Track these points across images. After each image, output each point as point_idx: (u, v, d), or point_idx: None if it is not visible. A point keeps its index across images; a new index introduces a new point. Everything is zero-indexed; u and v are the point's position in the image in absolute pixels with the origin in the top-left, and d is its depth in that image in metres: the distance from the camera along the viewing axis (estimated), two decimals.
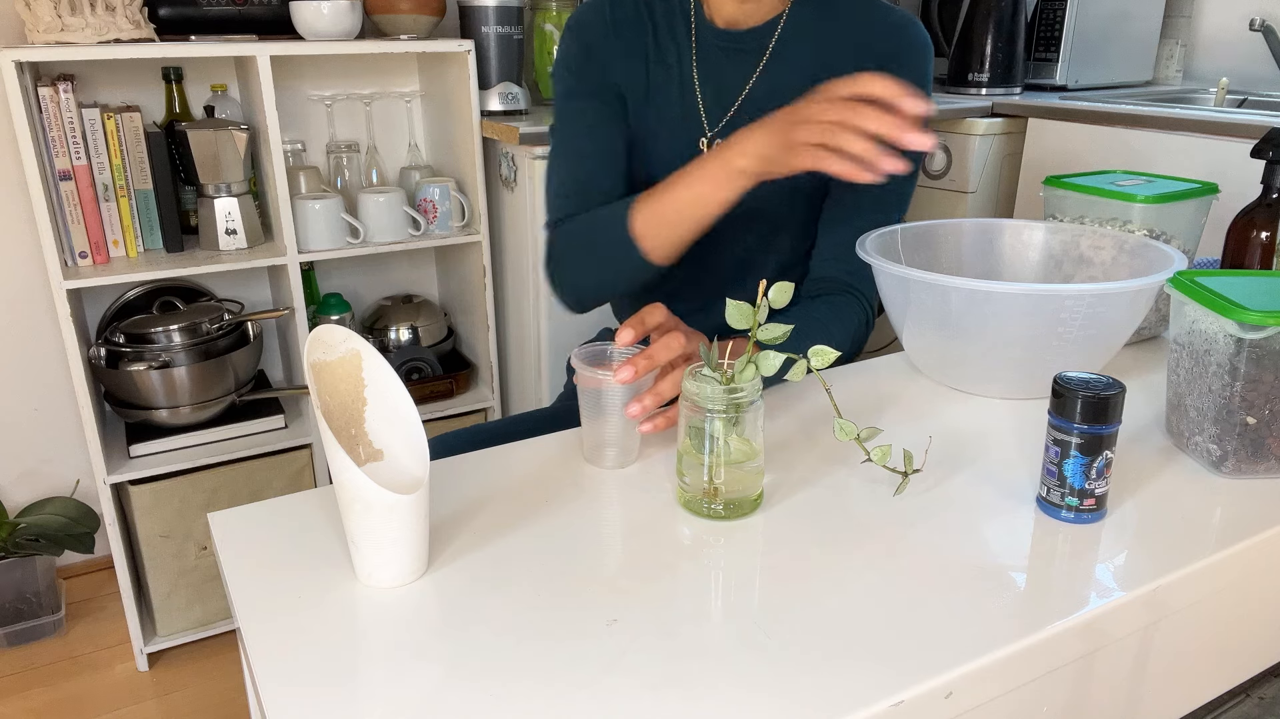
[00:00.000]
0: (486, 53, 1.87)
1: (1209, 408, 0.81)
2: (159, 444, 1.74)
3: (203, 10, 1.68)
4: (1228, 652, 0.79)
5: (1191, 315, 0.82)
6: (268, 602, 0.66)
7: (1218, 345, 0.79)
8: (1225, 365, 0.79)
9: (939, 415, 0.94)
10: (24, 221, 1.83)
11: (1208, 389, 0.81)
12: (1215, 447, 0.81)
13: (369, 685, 0.58)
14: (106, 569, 2.05)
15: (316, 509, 0.77)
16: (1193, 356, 0.82)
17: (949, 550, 0.70)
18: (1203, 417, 0.82)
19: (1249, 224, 1.13)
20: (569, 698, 0.56)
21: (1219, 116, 1.69)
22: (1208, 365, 0.80)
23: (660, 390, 0.82)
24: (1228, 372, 0.79)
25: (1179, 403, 0.85)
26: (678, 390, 0.81)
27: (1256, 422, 0.79)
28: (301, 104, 1.97)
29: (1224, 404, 0.79)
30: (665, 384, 0.82)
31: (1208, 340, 0.80)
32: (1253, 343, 0.77)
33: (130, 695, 1.73)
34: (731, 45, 1.08)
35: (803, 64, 1.07)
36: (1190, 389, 0.83)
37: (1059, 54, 2.16)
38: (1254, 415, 0.79)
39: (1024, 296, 0.86)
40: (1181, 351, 0.84)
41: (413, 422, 0.71)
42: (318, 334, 0.70)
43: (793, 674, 0.58)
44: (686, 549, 0.71)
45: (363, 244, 1.82)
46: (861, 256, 0.97)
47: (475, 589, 0.67)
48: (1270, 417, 0.79)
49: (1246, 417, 0.79)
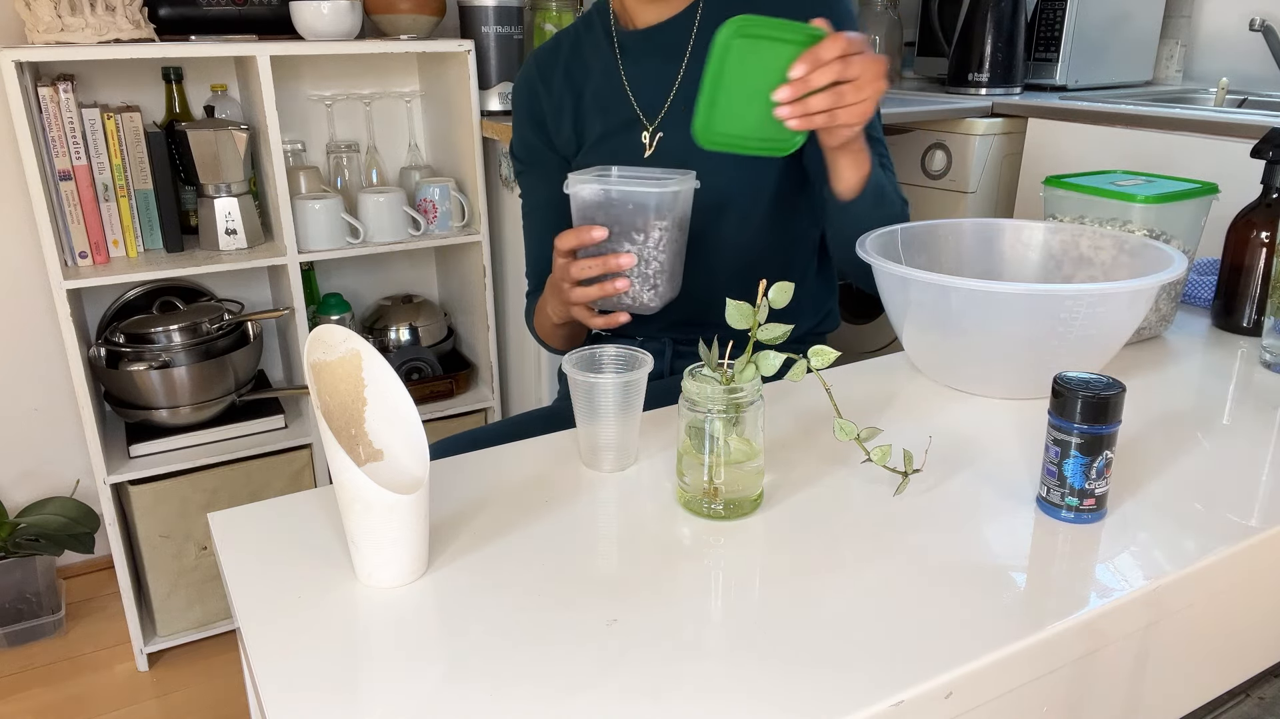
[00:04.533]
0: (486, 53, 1.87)
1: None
2: (159, 444, 1.74)
3: (203, 10, 1.68)
4: (1228, 652, 0.79)
5: None
6: (268, 602, 0.66)
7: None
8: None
9: (939, 415, 0.94)
10: (24, 221, 1.83)
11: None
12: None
13: (369, 685, 0.58)
14: (106, 569, 2.05)
15: (316, 509, 0.77)
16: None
17: (949, 550, 0.70)
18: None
19: (1249, 224, 1.13)
20: (569, 698, 0.56)
21: (1219, 116, 1.69)
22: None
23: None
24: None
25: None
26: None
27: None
28: (301, 104, 1.97)
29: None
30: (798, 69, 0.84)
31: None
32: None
33: (130, 695, 1.73)
34: (654, 42, 1.12)
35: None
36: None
37: (1059, 54, 2.16)
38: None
39: (1024, 296, 0.86)
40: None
41: (413, 422, 0.71)
42: (318, 334, 0.70)
43: (793, 674, 0.58)
44: (686, 549, 0.71)
45: (363, 244, 1.82)
46: (862, 256, 0.97)
47: (475, 589, 0.67)
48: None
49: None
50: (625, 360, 0.84)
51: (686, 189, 0.97)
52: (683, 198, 0.98)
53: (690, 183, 0.98)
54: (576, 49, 1.19)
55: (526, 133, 1.22)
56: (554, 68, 1.19)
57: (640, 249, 0.96)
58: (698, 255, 1.17)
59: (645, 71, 1.14)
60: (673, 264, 0.99)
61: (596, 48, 1.17)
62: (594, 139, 1.17)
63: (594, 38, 1.18)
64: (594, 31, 1.18)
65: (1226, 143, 1.63)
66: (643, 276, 0.97)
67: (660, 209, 0.95)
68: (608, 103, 1.15)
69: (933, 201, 2.09)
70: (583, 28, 1.20)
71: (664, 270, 0.98)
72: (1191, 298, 1.25)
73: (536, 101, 1.20)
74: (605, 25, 1.17)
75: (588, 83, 1.17)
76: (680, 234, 0.99)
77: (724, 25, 0.82)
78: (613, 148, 1.15)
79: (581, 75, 1.18)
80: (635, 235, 0.95)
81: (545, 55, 1.21)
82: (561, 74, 1.19)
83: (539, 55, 1.22)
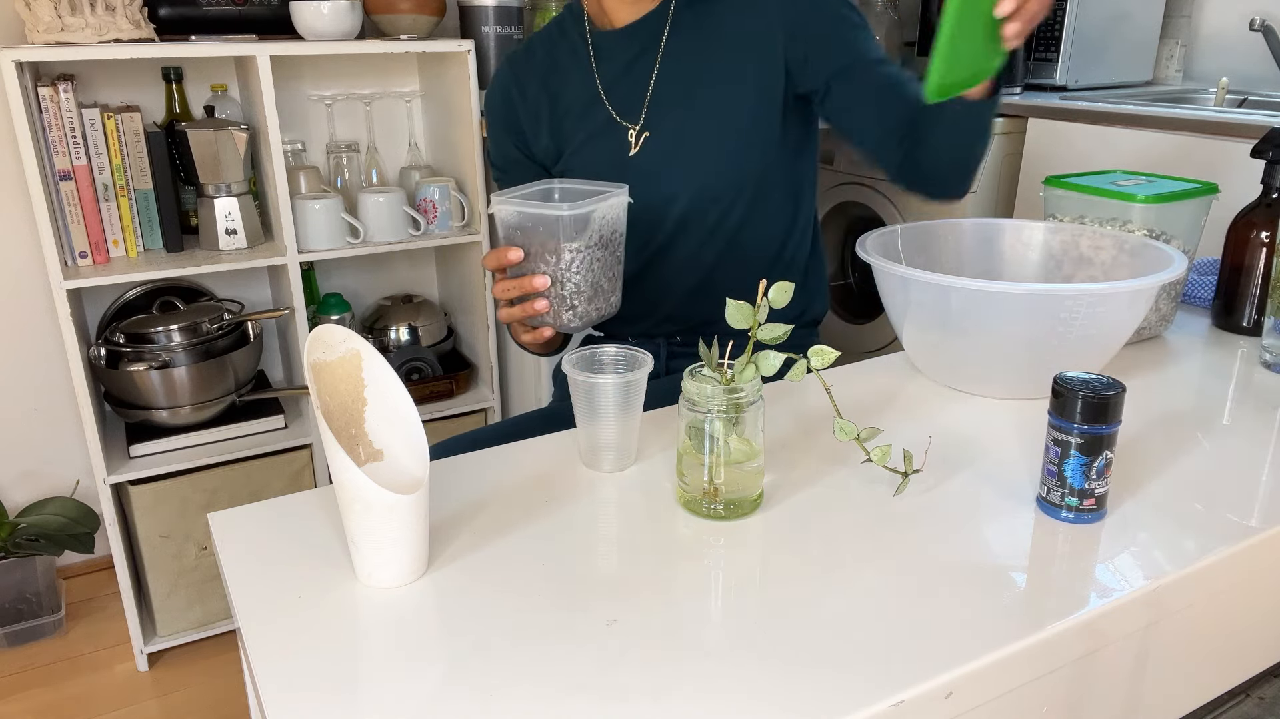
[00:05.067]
0: (486, 53, 1.87)
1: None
2: (159, 444, 1.74)
3: (203, 10, 1.68)
4: (1228, 652, 0.79)
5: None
6: (268, 602, 0.66)
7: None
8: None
9: (939, 415, 0.94)
10: (24, 221, 1.83)
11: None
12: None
13: (369, 685, 0.58)
14: (106, 569, 2.05)
15: (316, 509, 0.77)
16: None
17: (949, 550, 0.70)
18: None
19: (1249, 224, 1.13)
20: (569, 698, 0.56)
21: (1219, 116, 1.69)
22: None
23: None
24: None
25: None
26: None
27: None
28: (301, 104, 1.97)
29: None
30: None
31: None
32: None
33: (130, 695, 1.73)
34: (628, 41, 1.12)
35: (706, 31, 1.09)
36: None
37: (1059, 54, 2.16)
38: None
39: (1024, 296, 0.86)
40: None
41: (413, 422, 0.71)
42: (318, 334, 0.70)
43: (793, 674, 0.58)
44: (686, 549, 0.71)
45: (363, 244, 1.82)
46: (862, 256, 0.97)
47: (475, 589, 0.67)
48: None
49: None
50: (625, 360, 0.84)
51: (605, 208, 0.93)
52: (600, 217, 0.93)
53: (613, 200, 0.94)
54: (551, 54, 1.18)
55: (503, 141, 1.21)
56: (528, 75, 1.19)
57: (553, 271, 0.93)
58: (684, 253, 1.17)
59: (622, 70, 1.13)
60: (594, 284, 0.95)
61: (572, 52, 1.17)
62: (576, 145, 1.16)
63: (568, 43, 1.17)
64: (568, 36, 1.17)
65: (1226, 143, 1.63)
66: (559, 298, 0.94)
67: (569, 231, 0.91)
68: (586, 108, 1.15)
69: (933, 201, 2.08)
70: (555, 32, 1.19)
71: (580, 292, 0.94)
72: (1191, 298, 1.25)
73: (512, 110, 1.19)
74: (579, 29, 1.16)
75: (565, 88, 1.16)
76: (605, 252, 0.95)
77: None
78: (596, 152, 1.15)
79: (557, 81, 1.17)
80: (548, 257, 0.92)
81: (519, 62, 1.20)
82: (537, 82, 1.18)
83: (513, 62, 1.21)
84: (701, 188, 1.11)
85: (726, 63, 1.09)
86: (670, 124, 1.11)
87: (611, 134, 1.14)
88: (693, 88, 1.10)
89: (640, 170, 1.12)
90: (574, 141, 1.16)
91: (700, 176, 1.11)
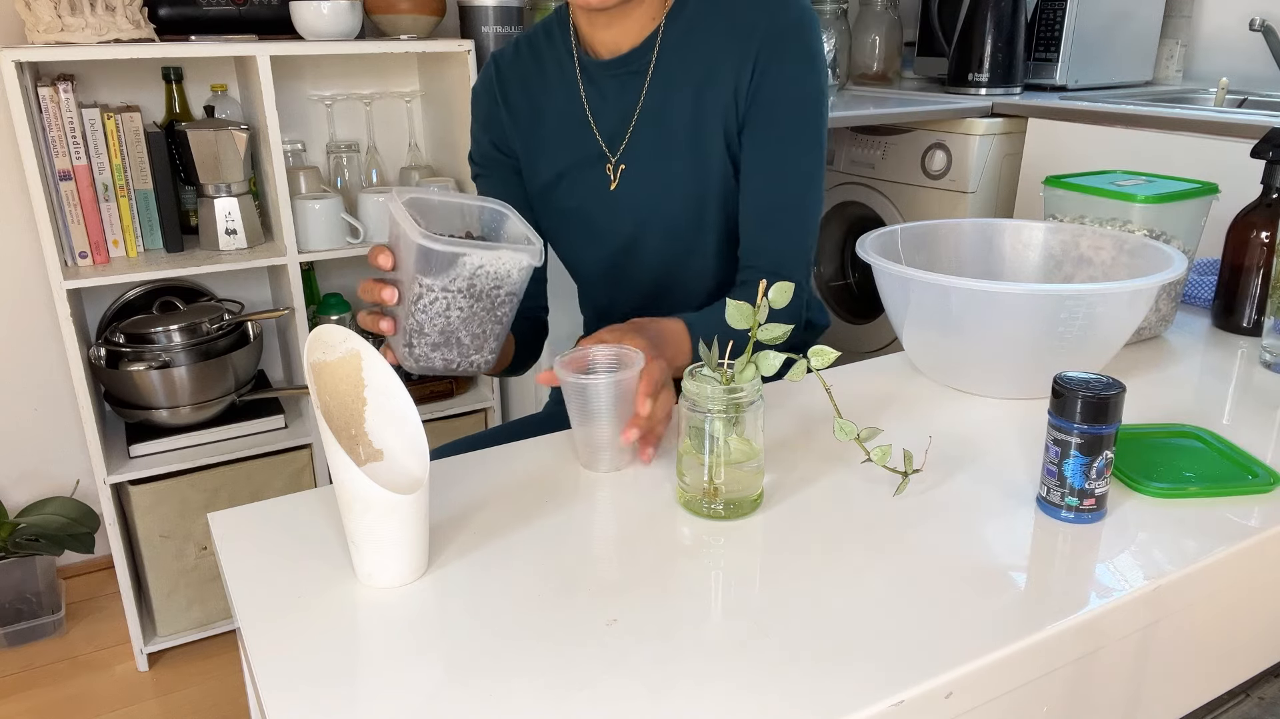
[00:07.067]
0: (486, 53, 1.86)
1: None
2: (159, 444, 1.74)
3: (203, 10, 1.68)
4: (1228, 652, 0.79)
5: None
6: (268, 602, 0.66)
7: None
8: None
9: (939, 415, 0.94)
10: (24, 221, 1.83)
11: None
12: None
13: (369, 685, 0.58)
14: (106, 569, 2.05)
15: (316, 509, 0.77)
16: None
17: (949, 550, 0.70)
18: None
19: (1249, 224, 1.13)
20: (569, 698, 0.56)
21: (1219, 116, 1.69)
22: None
23: (640, 414, 0.80)
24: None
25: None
26: (660, 409, 0.82)
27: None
28: (301, 104, 1.97)
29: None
30: (644, 407, 0.80)
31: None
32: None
33: (130, 695, 1.73)
34: (616, 71, 1.08)
35: (688, 68, 1.06)
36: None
37: (1059, 54, 2.16)
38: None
39: (1024, 296, 0.86)
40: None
41: (413, 422, 0.71)
42: (318, 334, 0.70)
43: (793, 674, 0.58)
44: (686, 549, 0.71)
45: (363, 244, 1.81)
46: (862, 256, 0.97)
47: (475, 589, 0.67)
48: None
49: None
50: (616, 360, 0.84)
51: (489, 258, 0.80)
52: (475, 265, 0.80)
53: (504, 254, 0.81)
54: (537, 60, 1.14)
55: (483, 140, 1.18)
56: (512, 80, 1.15)
57: (406, 293, 0.82)
58: (648, 279, 1.16)
59: (607, 95, 1.10)
60: (446, 332, 0.83)
61: (559, 64, 1.13)
62: (556, 173, 1.13)
63: (555, 53, 1.13)
64: (555, 46, 1.13)
65: (1226, 143, 1.63)
66: (402, 329, 0.83)
67: (423, 263, 0.79)
68: (570, 135, 1.12)
69: (933, 201, 2.09)
70: (543, 36, 1.15)
71: (424, 334, 0.83)
72: (1191, 298, 1.25)
73: (495, 112, 1.17)
74: (566, 42, 1.12)
75: (548, 104, 1.13)
76: (473, 304, 0.82)
77: None
78: (582, 182, 1.12)
79: (541, 91, 1.13)
80: (406, 280, 0.81)
81: (506, 64, 1.16)
82: (520, 88, 1.15)
83: (499, 61, 1.17)
84: (671, 219, 1.10)
85: (705, 98, 1.06)
86: (645, 158, 1.09)
87: (592, 167, 1.12)
88: (670, 123, 1.07)
89: (621, 204, 1.11)
90: (554, 169, 1.13)
91: (670, 213, 1.10)
